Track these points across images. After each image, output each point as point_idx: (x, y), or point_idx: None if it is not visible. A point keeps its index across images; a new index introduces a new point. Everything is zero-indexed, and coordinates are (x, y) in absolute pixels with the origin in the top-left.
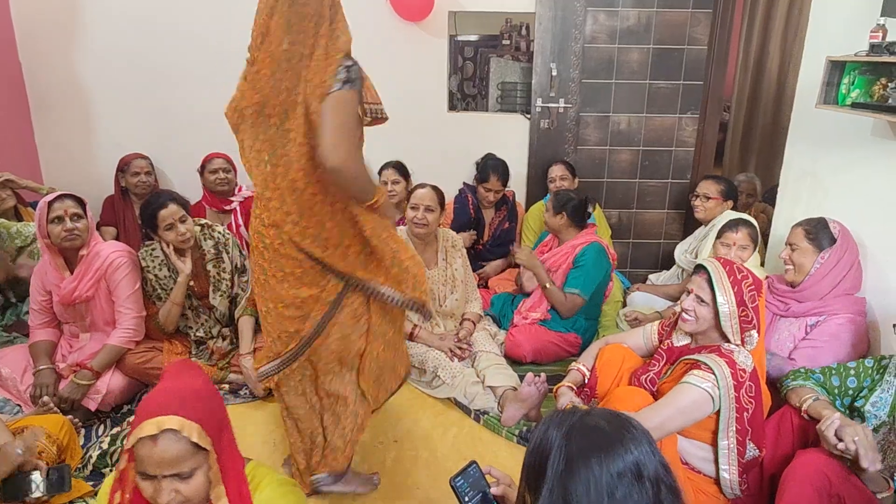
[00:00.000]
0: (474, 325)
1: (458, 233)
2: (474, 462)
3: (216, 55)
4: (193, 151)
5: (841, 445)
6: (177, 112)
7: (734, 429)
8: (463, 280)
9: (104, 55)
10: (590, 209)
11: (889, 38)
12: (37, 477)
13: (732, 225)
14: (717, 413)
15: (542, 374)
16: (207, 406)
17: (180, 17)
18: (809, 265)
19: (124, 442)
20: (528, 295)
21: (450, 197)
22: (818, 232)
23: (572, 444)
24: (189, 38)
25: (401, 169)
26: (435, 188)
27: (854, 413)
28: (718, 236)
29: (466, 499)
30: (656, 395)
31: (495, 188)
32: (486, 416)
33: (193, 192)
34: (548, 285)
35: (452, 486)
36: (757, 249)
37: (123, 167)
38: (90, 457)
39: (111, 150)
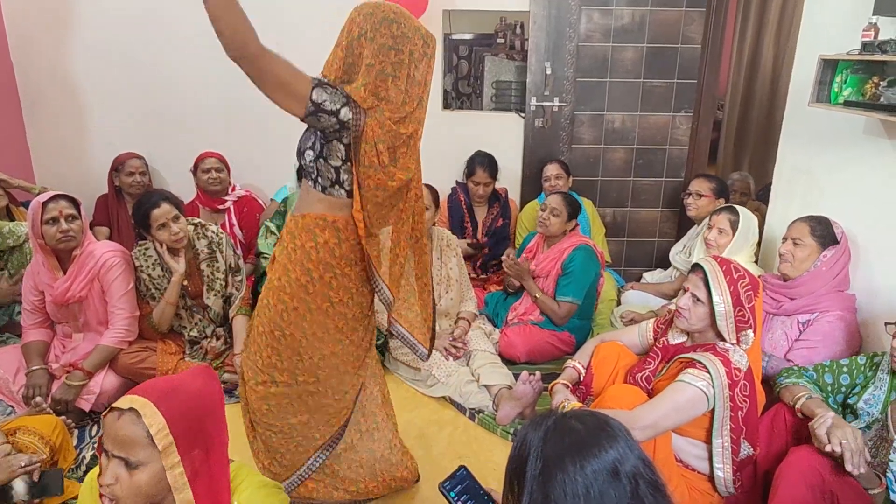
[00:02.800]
0: (469, 323)
1: (452, 232)
2: (463, 466)
3: (209, 54)
4: (186, 150)
5: (828, 447)
6: (170, 111)
7: (728, 427)
8: (458, 279)
9: (96, 54)
10: None
11: (881, 37)
12: (19, 485)
13: (718, 210)
14: (712, 411)
15: (537, 373)
16: (189, 411)
17: (173, 16)
18: (810, 262)
19: None
20: (518, 296)
21: (444, 195)
22: (824, 230)
23: (548, 447)
24: (182, 37)
25: None
26: (428, 186)
27: (847, 410)
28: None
29: (456, 501)
30: (651, 393)
31: (483, 181)
32: (481, 414)
33: (187, 191)
34: (538, 295)
35: (441, 491)
36: (752, 247)
37: (118, 166)
38: (84, 457)
39: (103, 149)
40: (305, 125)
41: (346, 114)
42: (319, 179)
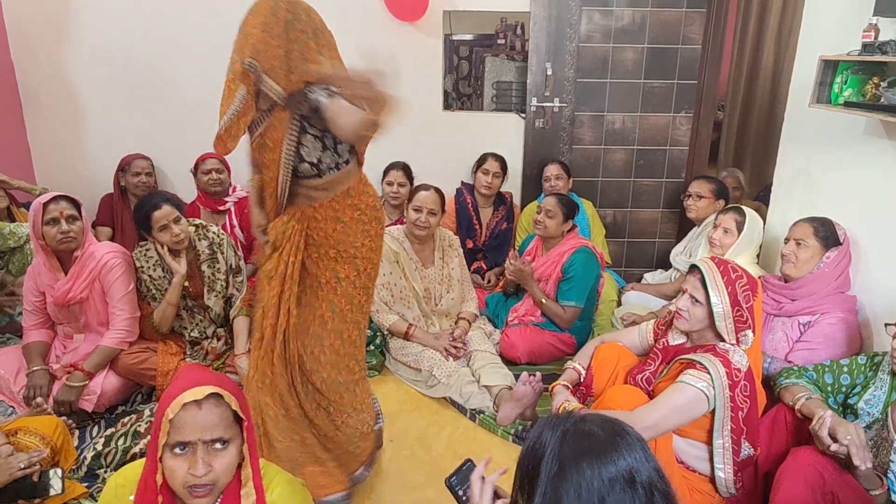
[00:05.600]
0: (469, 324)
1: (461, 233)
2: (469, 460)
3: (209, 53)
4: (187, 151)
5: (834, 447)
6: (170, 111)
7: (729, 428)
8: (459, 280)
9: (96, 54)
10: None
11: (881, 38)
12: (55, 482)
13: (725, 210)
14: (713, 412)
15: (538, 374)
16: (239, 393)
17: (173, 16)
18: (812, 263)
19: (149, 424)
20: (518, 297)
21: (447, 195)
22: (827, 231)
23: (565, 449)
24: (181, 37)
25: (407, 171)
26: (438, 191)
27: (847, 410)
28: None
29: (463, 496)
30: (651, 395)
31: (493, 169)
32: (481, 415)
33: (190, 192)
34: (543, 300)
35: (448, 486)
36: (756, 248)
37: (124, 167)
38: (84, 458)
39: (103, 149)
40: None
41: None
42: (334, 167)
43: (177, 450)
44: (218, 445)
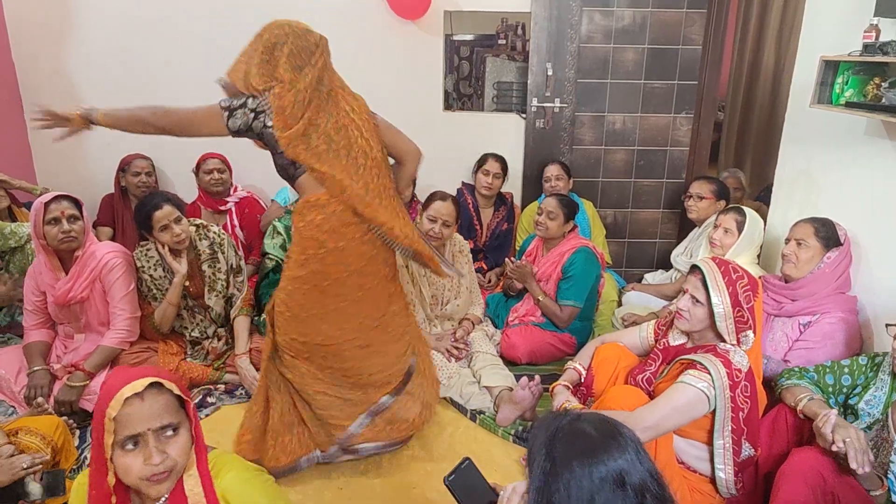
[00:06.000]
0: (473, 325)
1: (461, 234)
2: (468, 459)
3: (209, 54)
4: (188, 151)
5: (835, 447)
6: None
7: (730, 428)
8: (468, 286)
9: (97, 55)
10: None
11: (882, 38)
12: (34, 487)
13: (726, 210)
14: (713, 413)
15: (537, 377)
16: (173, 374)
17: (173, 17)
18: (813, 263)
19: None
20: (519, 297)
21: None
22: (828, 231)
23: (558, 447)
24: (182, 38)
25: None
26: (454, 200)
27: (848, 411)
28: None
29: (462, 496)
30: (652, 395)
31: (493, 170)
32: (482, 415)
33: (191, 192)
34: (541, 298)
35: (447, 485)
36: (756, 248)
37: (124, 167)
38: (85, 458)
39: (104, 149)
40: None
41: (252, 102)
42: (289, 178)
43: (129, 446)
44: (169, 432)
